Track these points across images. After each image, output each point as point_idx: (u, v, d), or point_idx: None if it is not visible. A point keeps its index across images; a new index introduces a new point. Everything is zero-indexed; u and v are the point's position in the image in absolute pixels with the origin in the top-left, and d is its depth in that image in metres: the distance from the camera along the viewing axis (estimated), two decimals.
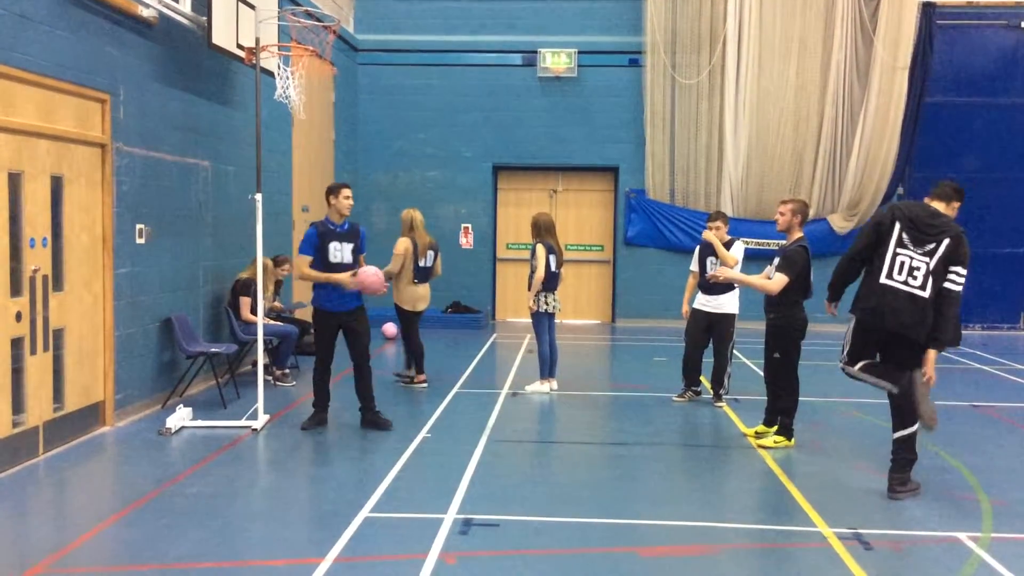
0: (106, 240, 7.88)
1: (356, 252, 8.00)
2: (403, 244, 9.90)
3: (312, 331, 8.26)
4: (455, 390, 9.83)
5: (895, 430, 6.30)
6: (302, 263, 7.86)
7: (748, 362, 11.72)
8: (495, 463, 7.05)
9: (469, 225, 16.50)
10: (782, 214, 7.55)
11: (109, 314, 7.92)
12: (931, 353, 6.16)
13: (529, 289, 9.65)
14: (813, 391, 8.61)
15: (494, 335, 14.80)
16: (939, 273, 6.06)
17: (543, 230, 9.65)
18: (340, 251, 7.87)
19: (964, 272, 6.11)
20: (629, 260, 16.50)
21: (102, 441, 7.55)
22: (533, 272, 9.58)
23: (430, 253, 10.01)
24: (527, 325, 16.13)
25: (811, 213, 7.60)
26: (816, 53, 15.61)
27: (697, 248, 9.43)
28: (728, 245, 9.08)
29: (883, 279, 6.13)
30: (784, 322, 7.49)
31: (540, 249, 9.55)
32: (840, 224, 15.75)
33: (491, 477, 6.67)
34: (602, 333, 15.76)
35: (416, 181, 16.51)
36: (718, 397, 9.22)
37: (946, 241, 6.07)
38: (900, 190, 15.95)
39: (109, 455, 7.22)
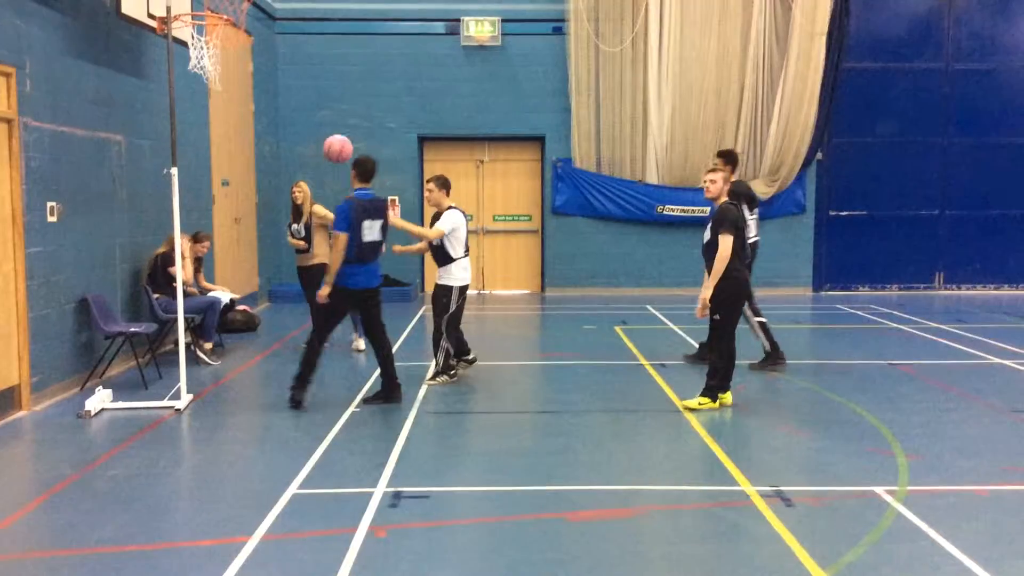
0: (16, 219, 7.59)
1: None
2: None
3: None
4: None
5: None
6: None
7: (676, 328, 11.88)
8: (425, 435, 7.04)
9: (396, 197, 16.32)
10: (713, 182, 7.65)
11: (22, 295, 7.65)
12: None
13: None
14: (739, 354, 8.72)
15: (423, 307, 14.73)
16: None
17: None
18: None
19: None
20: (557, 229, 16.53)
21: (19, 425, 7.32)
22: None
23: None
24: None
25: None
26: (736, 20, 15.75)
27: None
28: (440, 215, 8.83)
29: (750, 241, 8.74)
30: (728, 283, 7.55)
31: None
32: (763, 190, 15.96)
33: (421, 449, 6.66)
34: (532, 303, 15.81)
35: None
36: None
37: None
38: (819, 155, 16.25)
39: (27, 440, 7.01)
